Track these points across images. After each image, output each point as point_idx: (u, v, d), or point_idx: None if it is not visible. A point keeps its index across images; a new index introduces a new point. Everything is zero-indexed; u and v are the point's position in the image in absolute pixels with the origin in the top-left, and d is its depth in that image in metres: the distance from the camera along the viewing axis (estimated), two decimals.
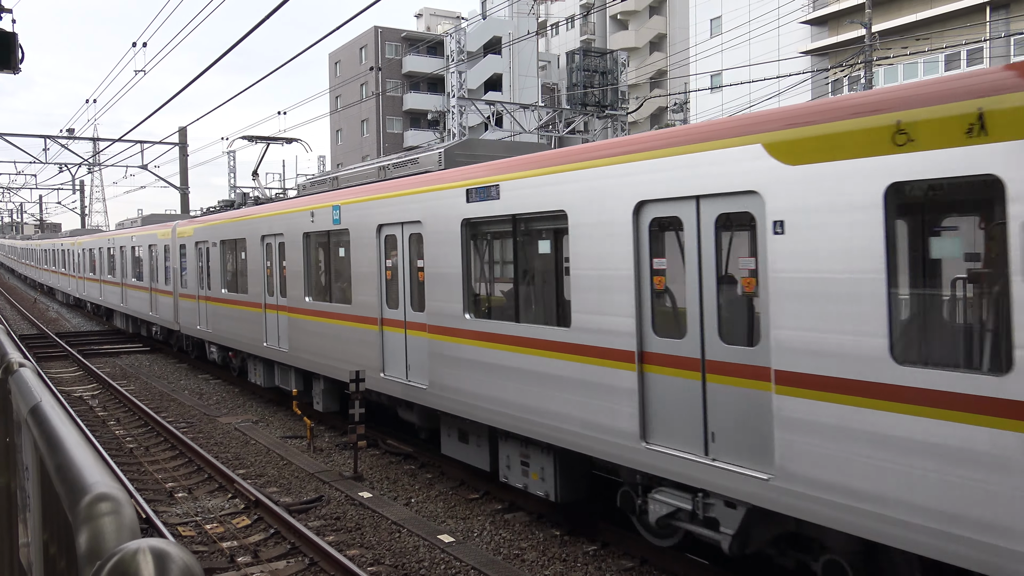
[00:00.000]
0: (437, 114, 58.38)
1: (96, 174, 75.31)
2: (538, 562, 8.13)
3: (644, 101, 44.78)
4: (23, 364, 2.89)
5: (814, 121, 5.79)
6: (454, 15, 71.54)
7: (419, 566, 8.05)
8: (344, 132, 69.98)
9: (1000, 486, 4.83)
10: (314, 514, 9.71)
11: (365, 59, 65.23)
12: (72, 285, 38.05)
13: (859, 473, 5.52)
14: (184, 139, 34.85)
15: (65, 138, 32.37)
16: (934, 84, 5.23)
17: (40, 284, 54.15)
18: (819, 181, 5.70)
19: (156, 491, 10.87)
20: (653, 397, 7.06)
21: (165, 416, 15.30)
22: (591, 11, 69.98)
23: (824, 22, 42.91)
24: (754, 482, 6.20)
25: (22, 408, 2.31)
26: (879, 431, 5.39)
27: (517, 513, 9.55)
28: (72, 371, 21.35)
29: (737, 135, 6.30)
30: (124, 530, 1.25)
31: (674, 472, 6.90)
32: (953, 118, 4.97)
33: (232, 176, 53.88)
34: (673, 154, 6.82)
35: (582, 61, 32.84)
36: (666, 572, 7.72)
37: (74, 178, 42.42)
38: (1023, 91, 4.70)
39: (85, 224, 58.97)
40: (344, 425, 12.93)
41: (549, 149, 10.13)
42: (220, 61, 14.34)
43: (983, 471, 4.89)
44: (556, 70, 67.43)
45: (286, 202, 15.08)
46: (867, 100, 5.55)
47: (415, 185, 10.54)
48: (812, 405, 5.80)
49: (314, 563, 8.14)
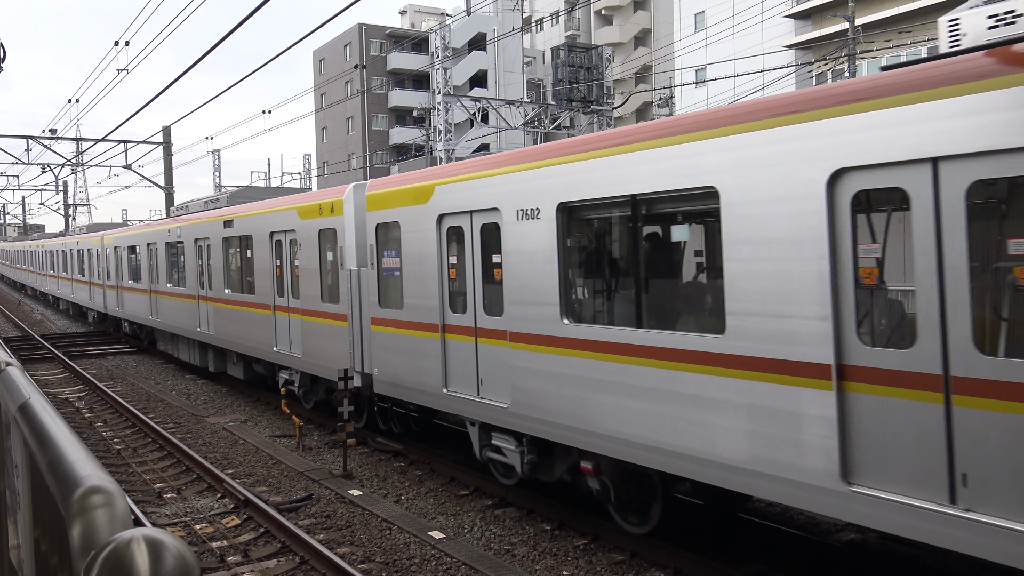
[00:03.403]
0: (423, 111, 58.29)
1: (80, 174, 74.72)
2: (529, 556, 8.15)
3: (629, 96, 44.87)
4: (10, 363, 2.88)
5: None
6: (439, 12, 71.37)
7: (410, 563, 8.05)
8: (329, 130, 69.70)
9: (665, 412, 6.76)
10: (304, 513, 9.70)
11: (350, 56, 64.98)
12: (36, 280, 45.89)
13: (549, 399, 7.98)
14: (168, 138, 34.60)
15: (48, 138, 32.10)
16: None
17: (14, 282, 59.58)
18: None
19: (145, 492, 10.82)
20: (450, 355, 8.48)
21: (152, 417, 15.23)
22: (576, 7, 69.96)
23: (808, 16, 43.08)
24: (500, 409, 8.68)
25: (11, 406, 2.30)
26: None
27: (507, 508, 9.56)
28: (58, 373, 21.20)
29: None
30: (117, 521, 1.25)
31: (464, 410, 9.36)
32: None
33: (217, 175, 53.52)
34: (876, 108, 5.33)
35: (567, 57, 32.85)
36: (656, 565, 7.76)
37: (57, 179, 42.04)
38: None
39: (68, 225, 58.48)
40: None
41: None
42: (204, 59, 14.27)
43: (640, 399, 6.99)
44: (541, 66, 67.45)
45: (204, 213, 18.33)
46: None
47: (493, 165, 8.84)
48: (526, 354, 8.30)
49: (305, 561, 8.13)
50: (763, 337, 6.00)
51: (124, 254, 24.65)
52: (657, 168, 6.78)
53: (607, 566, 7.83)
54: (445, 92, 29.88)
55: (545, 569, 7.84)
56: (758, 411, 6.08)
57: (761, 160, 5.96)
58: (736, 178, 6.15)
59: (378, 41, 64.76)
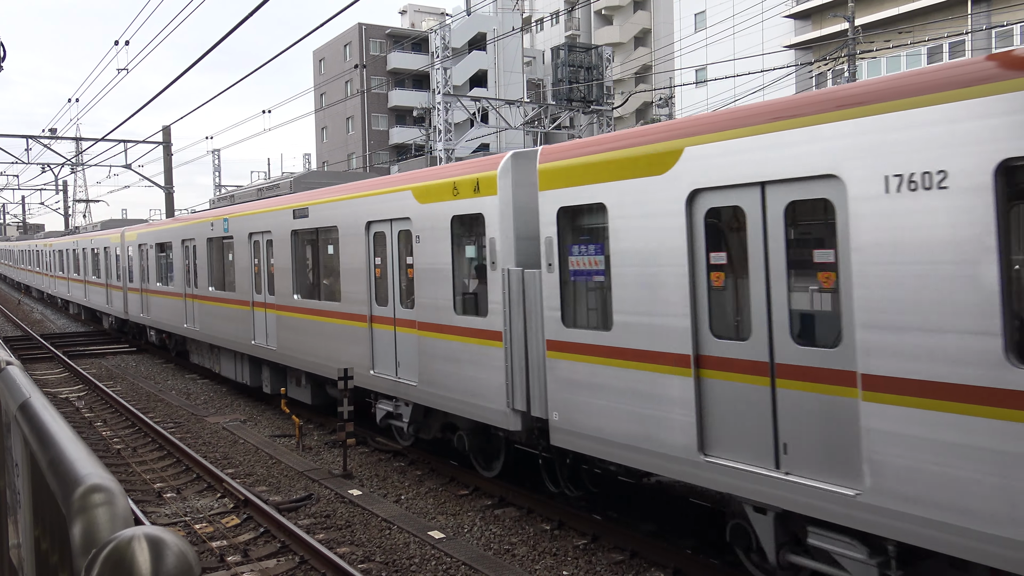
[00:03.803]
0: (422, 111, 58.26)
1: (79, 174, 74.68)
2: (529, 556, 8.15)
3: (629, 96, 44.88)
4: (10, 363, 2.88)
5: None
6: (439, 11, 71.35)
7: (410, 562, 8.05)
8: (329, 130, 69.69)
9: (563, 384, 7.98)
10: (304, 512, 9.70)
11: (350, 56, 64.97)
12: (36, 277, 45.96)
13: (444, 375, 9.81)
14: (168, 138, 34.59)
15: (48, 138, 32.09)
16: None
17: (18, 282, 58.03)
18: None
19: (144, 492, 10.82)
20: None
21: (152, 416, 15.23)
22: (576, 7, 69.95)
23: (808, 16, 43.08)
24: (415, 388, 10.37)
25: (11, 405, 2.30)
26: (451, 355, 9.67)
27: (507, 508, 9.56)
28: (57, 372, 21.20)
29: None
30: (118, 520, 1.25)
31: (385, 387, 11.11)
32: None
33: (217, 175, 53.52)
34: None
35: (567, 57, 32.87)
36: (656, 564, 7.76)
37: (57, 178, 42.01)
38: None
39: (68, 225, 58.45)
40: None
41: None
42: (203, 59, 14.25)
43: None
44: (541, 66, 67.42)
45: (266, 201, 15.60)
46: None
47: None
48: (431, 340, 10.00)
49: (304, 561, 8.13)
50: (640, 332, 7.10)
51: (151, 252, 21.93)
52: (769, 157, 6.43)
53: (607, 566, 7.83)
54: (445, 92, 29.88)
55: (545, 569, 7.84)
56: (638, 394, 7.14)
57: (637, 184, 7.05)
58: (618, 196, 7.25)
59: (378, 41, 64.76)
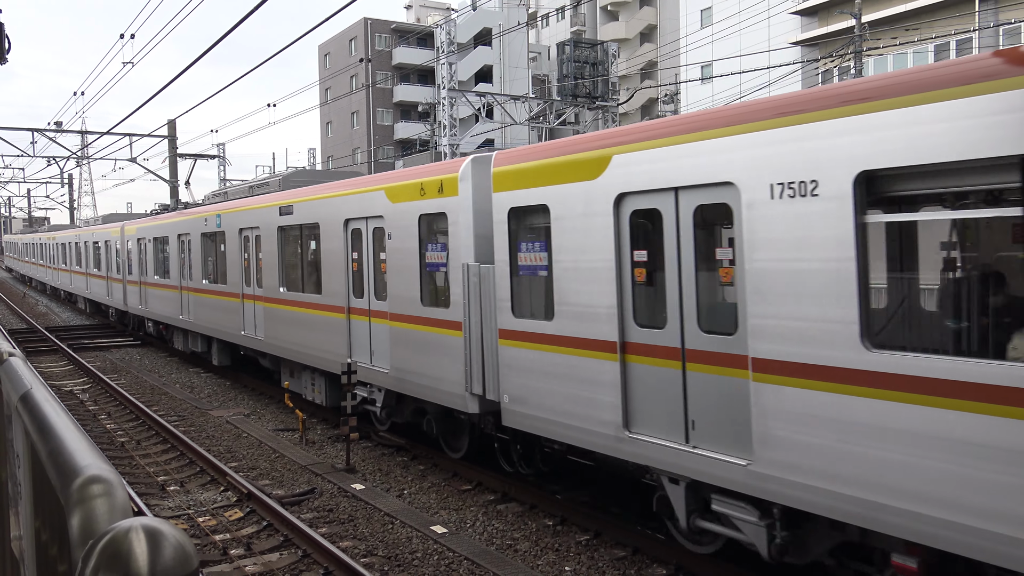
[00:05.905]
0: (427, 106, 58.22)
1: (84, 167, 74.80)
2: (531, 552, 8.15)
3: (634, 92, 44.78)
4: (12, 353, 2.88)
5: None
6: (444, 6, 71.27)
7: (412, 557, 8.06)
8: (334, 124, 69.69)
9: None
10: (307, 506, 9.71)
11: (355, 51, 64.92)
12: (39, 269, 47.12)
13: (413, 362, 10.52)
14: (173, 132, 34.61)
15: (53, 131, 32.13)
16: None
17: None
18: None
19: (148, 484, 10.84)
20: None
21: (156, 410, 15.26)
22: (581, 2, 69.81)
23: (814, 12, 42.91)
24: (387, 375, 11.16)
25: (12, 396, 2.30)
26: (418, 343, 10.39)
27: (510, 504, 9.57)
28: (62, 365, 21.26)
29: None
30: (116, 511, 1.24)
31: (360, 374, 11.63)
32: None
33: (222, 169, 53.54)
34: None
35: (573, 52, 32.81)
36: (658, 561, 7.76)
37: (62, 172, 42.12)
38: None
39: (73, 218, 58.56)
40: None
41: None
42: (209, 53, 14.27)
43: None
44: (547, 61, 67.27)
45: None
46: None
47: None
48: (401, 330, 10.78)
49: (307, 555, 8.14)
50: (576, 321, 7.81)
51: (149, 246, 22.63)
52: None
53: (609, 562, 7.83)
54: (450, 87, 29.85)
55: (547, 564, 7.84)
56: (575, 378, 7.87)
57: (574, 188, 7.74)
58: (558, 198, 7.95)
59: (383, 36, 64.71)
